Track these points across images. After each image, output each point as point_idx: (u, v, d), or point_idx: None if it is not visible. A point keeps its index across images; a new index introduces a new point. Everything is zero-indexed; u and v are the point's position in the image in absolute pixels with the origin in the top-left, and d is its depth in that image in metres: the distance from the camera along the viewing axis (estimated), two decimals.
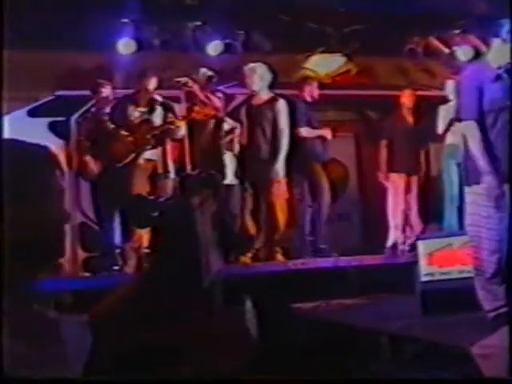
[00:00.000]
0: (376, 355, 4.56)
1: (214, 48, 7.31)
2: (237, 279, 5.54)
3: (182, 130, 6.46)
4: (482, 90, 4.30)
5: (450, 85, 7.07)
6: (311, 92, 7.06)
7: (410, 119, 7.27)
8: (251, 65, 6.74)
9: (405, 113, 7.26)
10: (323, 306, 5.44)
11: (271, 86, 6.74)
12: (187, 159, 6.45)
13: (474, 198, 4.30)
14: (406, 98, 7.25)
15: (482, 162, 4.24)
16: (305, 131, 6.87)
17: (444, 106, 7.06)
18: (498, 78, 4.26)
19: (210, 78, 6.67)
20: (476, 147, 4.27)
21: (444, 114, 7.04)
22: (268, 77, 6.70)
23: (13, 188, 3.62)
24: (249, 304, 5.35)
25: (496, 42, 4.31)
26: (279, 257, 6.51)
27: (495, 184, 4.19)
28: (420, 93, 7.48)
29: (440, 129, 7.04)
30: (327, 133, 7.01)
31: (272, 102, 6.66)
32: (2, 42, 4.85)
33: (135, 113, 6.48)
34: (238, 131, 6.68)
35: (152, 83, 6.48)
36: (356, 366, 4.58)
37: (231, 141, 6.68)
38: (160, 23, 7.19)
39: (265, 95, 6.71)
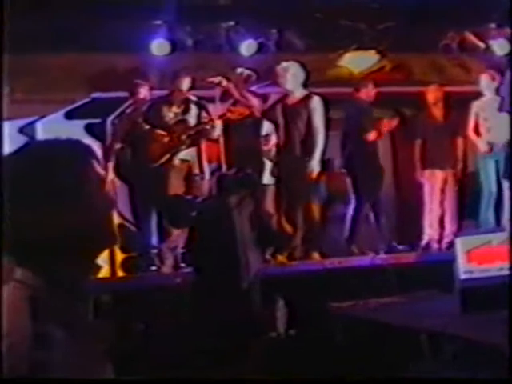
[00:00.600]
0: (415, 354, 4.54)
1: (247, 48, 7.31)
2: (275, 279, 5.55)
3: (217, 129, 6.48)
4: None
5: (484, 80, 7.00)
6: (368, 93, 7.05)
7: (438, 115, 7.18)
8: (284, 64, 6.73)
9: (433, 109, 7.19)
10: (360, 305, 5.41)
11: (305, 85, 6.74)
12: (223, 159, 6.47)
13: None
14: (433, 94, 7.18)
15: None
16: (373, 135, 6.90)
17: (477, 101, 6.99)
18: None
19: (248, 78, 6.69)
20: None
21: (477, 109, 6.97)
22: (301, 75, 6.69)
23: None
24: (281, 303, 5.36)
25: None
26: (315, 256, 6.49)
27: None
28: (452, 88, 7.39)
29: (472, 124, 6.97)
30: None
31: (306, 100, 6.65)
32: (3, 44, 4.93)
33: (170, 113, 6.51)
34: (274, 136, 6.66)
35: (186, 83, 6.49)
36: (395, 364, 4.56)
37: (269, 146, 6.67)
38: (193, 24, 7.21)
39: (298, 94, 6.70)
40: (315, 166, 6.51)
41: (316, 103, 6.60)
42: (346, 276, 5.77)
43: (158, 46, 7.05)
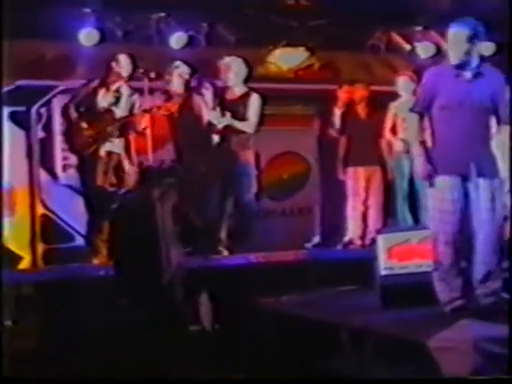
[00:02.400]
0: (336, 349, 4.61)
1: (177, 40, 7.26)
2: (199, 272, 5.54)
3: (145, 122, 6.42)
4: (438, 86, 4.41)
5: (401, 81, 7.14)
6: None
7: (363, 113, 7.31)
8: (227, 59, 6.72)
9: (358, 107, 7.31)
10: (285, 300, 5.47)
11: (246, 81, 6.74)
12: (149, 152, 6.42)
13: (430, 191, 4.43)
14: (357, 93, 7.30)
15: (432, 156, 4.37)
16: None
17: (395, 102, 7.13)
18: (457, 75, 4.36)
19: (185, 72, 6.65)
20: (427, 142, 4.43)
21: (394, 110, 7.11)
22: (243, 71, 6.69)
23: None
24: (205, 297, 5.37)
25: (454, 38, 4.39)
26: (240, 250, 6.51)
27: (449, 178, 4.31)
28: (378, 88, 7.53)
29: (389, 123, 7.11)
30: None
31: (245, 96, 6.66)
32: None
33: (104, 103, 6.42)
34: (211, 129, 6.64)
35: (121, 73, 6.43)
36: (317, 359, 4.63)
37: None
38: (123, 14, 7.12)
39: (238, 90, 6.70)
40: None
41: (254, 100, 6.62)
42: (271, 271, 5.81)
43: (87, 35, 6.92)
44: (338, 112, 7.31)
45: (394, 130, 7.13)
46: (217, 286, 5.42)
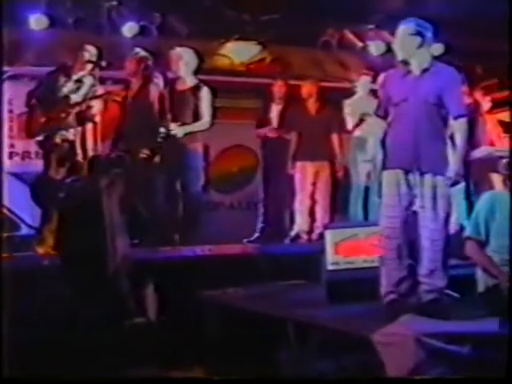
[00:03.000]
0: (282, 343, 4.64)
1: (128, 29, 7.20)
2: (145, 264, 5.51)
3: (97, 110, 6.34)
4: (390, 86, 4.48)
5: (363, 79, 7.23)
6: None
7: (312, 109, 7.34)
8: (177, 49, 6.67)
9: (307, 103, 7.35)
10: (231, 293, 5.47)
11: (196, 72, 6.69)
12: (98, 140, 6.35)
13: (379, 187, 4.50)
14: (307, 88, 7.34)
15: (384, 153, 4.44)
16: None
17: (349, 99, 7.20)
18: (406, 73, 4.43)
19: (143, 59, 6.59)
20: (379, 139, 4.50)
21: (350, 106, 7.18)
22: (194, 63, 6.65)
23: None
24: (151, 289, 5.34)
25: (401, 36, 4.45)
26: (187, 242, 6.49)
27: (394, 173, 4.37)
28: (329, 84, 7.59)
29: (347, 120, 7.19)
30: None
31: (195, 89, 6.62)
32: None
33: (63, 91, 6.33)
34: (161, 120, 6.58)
35: (86, 62, 6.35)
36: (262, 352, 4.65)
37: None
38: (74, 0, 7.02)
39: (189, 81, 6.66)
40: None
41: (204, 93, 6.58)
42: (218, 264, 5.81)
43: (37, 21, 6.82)
44: (275, 108, 7.33)
45: (350, 126, 7.20)
46: (163, 278, 5.39)
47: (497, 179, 6.19)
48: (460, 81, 4.52)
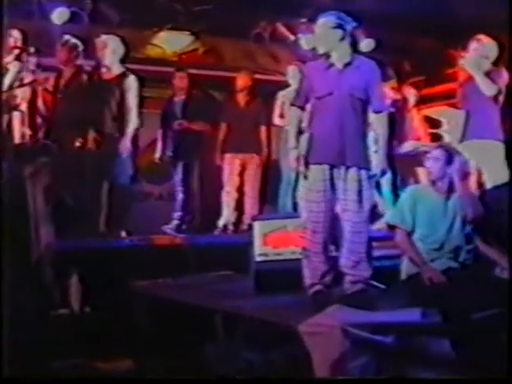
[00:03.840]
0: (210, 334, 4.65)
1: (58, 16, 7.05)
2: (70, 254, 5.42)
3: (24, 97, 6.20)
4: (313, 79, 4.51)
5: (291, 70, 7.27)
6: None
7: (242, 101, 7.36)
8: (103, 37, 6.56)
9: (238, 94, 7.37)
10: (160, 284, 5.45)
11: (123, 61, 6.61)
12: (26, 128, 6.22)
13: (302, 181, 4.53)
14: (241, 81, 7.36)
15: (309, 147, 4.48)
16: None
17: (283, 91, 7.24)
18: (328, 66, 4.47)
19: (74, 47, 6.47)
20: (294, 133, 4.55)
21: (282, 98, 7.23)
22: (120, 51, 6.55)
23: None
24: (75, 279, 5.27)
25: (321, 29, 4.49)
26: (122, 234, 6.43)
27: (318, 167, 4.41)
28: (260, 76, 7.62)
29: (277, 113, 7.24)
30: None
31: (122, 77, 6.52)
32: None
33: None
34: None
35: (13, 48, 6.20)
36: (191, 343, 4.65)
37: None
38: None
39: (115, 70, 6.56)
40: (126, 144, 6.42)
41: (131, 82, 6.49)
42: (146, 254, 5.77)
43: None
44: (177, 100, 7.31)
45: (281, 117, 7.24)
46: (90, 269, 5.32)
47: (422, 173, 6.32)
48: (381, 75, 4.57)
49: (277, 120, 7.30)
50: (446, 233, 4.53)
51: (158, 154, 7.40)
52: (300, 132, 4.59)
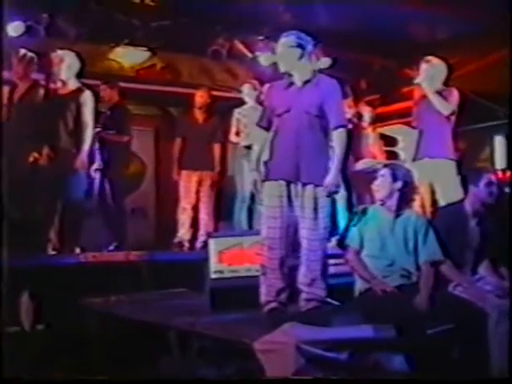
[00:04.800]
0: (165, 351, 4.61)
1: (14, 29, 6.98)
2: (21, 271, 5.33)
3: None
4: (274, 98, 4.55)
5: (246, 88, 7.30)
6: None
7: (200, 117, 7.37)
8: (59, 52, 6.50)
9: (196, 111, 7.37)
10: (113, 301, 5.39)
11: (79, 76, 6.55)
12: None
13: (261, 196, 4.54)
14: (199, 97, 7.36)
15: (267, 164, 4.50)
16: None
17: (239, 108, 7.26)
18: (289, 84, 4.50)
19: (30, 61, 6.39)
20: (261, 150, 4.57)
21: (238, 116, 7.24)
22: (76, 66, 6.49)
23: None
24: (26, 296, 5.18)
25: (282, 48, 4.53)
26: (76, 250, 6.35)
27: (276, 183, 4.43)
28: (217, 93, 7.63)
29: (233, 130, 7.25)
30: None
31: (77, 92, 6.46)
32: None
33: None
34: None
35: None
36: (145, 360, 4.61)
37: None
38: None
39: (71, 85, 6.49)
40: (82, 159, 6.35)
41: (87, 97, 6.43)
42: (100, 271, 5.71)
43: None
44: (108, 112, 7.23)
45: (237, 135, 7.25)
46: (42, 285, 5.25)
47: None
48: (340, 92, 4.60)
49: (232, 137, 7.31)
50: (395, 250, 4.57)
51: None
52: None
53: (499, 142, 9.56)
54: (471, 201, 4.90)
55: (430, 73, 6.15)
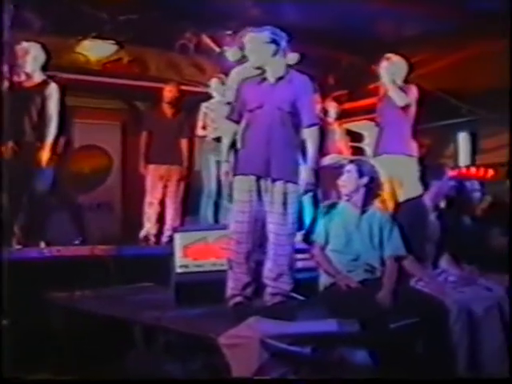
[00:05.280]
0: (130, 345, 4.60)
1: None
2: None
3: None
4: (246, 93, 4.55)
5: (213, 83, 7.29)
6: None
7: (168, 112, 7.35)
8: (24, 44, 6.43)
9: (165, 106, 7.35)
10: (78, 296, 5.37)
11: (44, 68, 6.48)
12: None
13: (229, 190, 4.56)
14: (168, 92, 7.34)
15: (237, 159, 4.51)
16: None
17: (206, 103, 7.25)
18: (261, 80, 4.51)
19: None
20: (227, 146, 4.58)
21: (205, 110, 7.23)
22: (42, 58, 6.42)
23: None
24: None
25: (253, 43, 4.54)
26: (41, 244, 6.30)
27: (245, 178, 4.44)
28: (185, 88, 7.61)
29: (200, 125, 7.23)
30: None
31: (43, 85, 6.39)
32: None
33: None
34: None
35: None
36: (110, 355, 4.60)
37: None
38: None
39: (36, 77, 6.42)
40: (46, 152, 6.29)
41: (52, 90, 6.37)
42: (65, 265, 5.67)
43: None
44: None
45: (204, 129, 7.24)
46: (6, 280, 5.20)
47: None
48: (313, 89, 4.62)
49: (199, 131, 7.30)
50: (360, 245, 4.63)
51: None
52: (234, 145, 4.61)
53: (463, 138, 9.71)
54: (432, 195, 4.98)
55: (390, 70, 6.27)
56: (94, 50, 7.90)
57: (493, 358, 4.54)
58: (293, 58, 7.89)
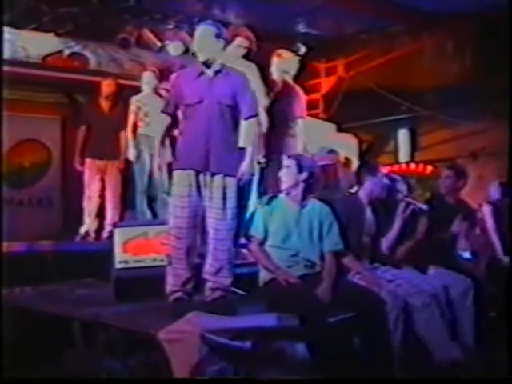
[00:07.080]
0: (69, 341, 4.56)
1: None
2: None
3: None
4: (183, 86, 4.54)
5: (145, 76, 7.20)
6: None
7: (106, 106, 7.27)
8: None
9: (103, 100, 7.27)
10: (17, 292, 5.30)
11: None
12: None
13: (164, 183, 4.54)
14: (106, 87, 7.26)
15: (175, 154, 4.50)
16: None
17: (136, 96, 7.16)
18: (200, 74, 4.50)
19: None
20: (160, 140, 4.57)
21: (136, 103, 7.12)
22: None
23: None
24: None
25: (200, 37, 4.53)
26: None
27: (184, 172, 4.44)
28: (124, 82, 7.53)
29: (132, 117, 7.12)
30: None
31: None
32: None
33: None
34: None
35: None
36: (50, 352, 4.55)
37: None
38: None
39: None
40: None
41: None
42: (5, 262, 5.58)
43: None
44: None
45: (135, 124, 7.16)
46: None
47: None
48: (249, 82, 4.63)
49: (129, 126, 7.16)
50: (299, 240, 4.66)
51: None
52: (172, 139, 4.59)
53: (403, 135, 9.85)
54: (367, 191, 5.07)
55: (280, 66, 6.25)
56: (34, 42, 7.77)
57: (434, 348, 4.66)
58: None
